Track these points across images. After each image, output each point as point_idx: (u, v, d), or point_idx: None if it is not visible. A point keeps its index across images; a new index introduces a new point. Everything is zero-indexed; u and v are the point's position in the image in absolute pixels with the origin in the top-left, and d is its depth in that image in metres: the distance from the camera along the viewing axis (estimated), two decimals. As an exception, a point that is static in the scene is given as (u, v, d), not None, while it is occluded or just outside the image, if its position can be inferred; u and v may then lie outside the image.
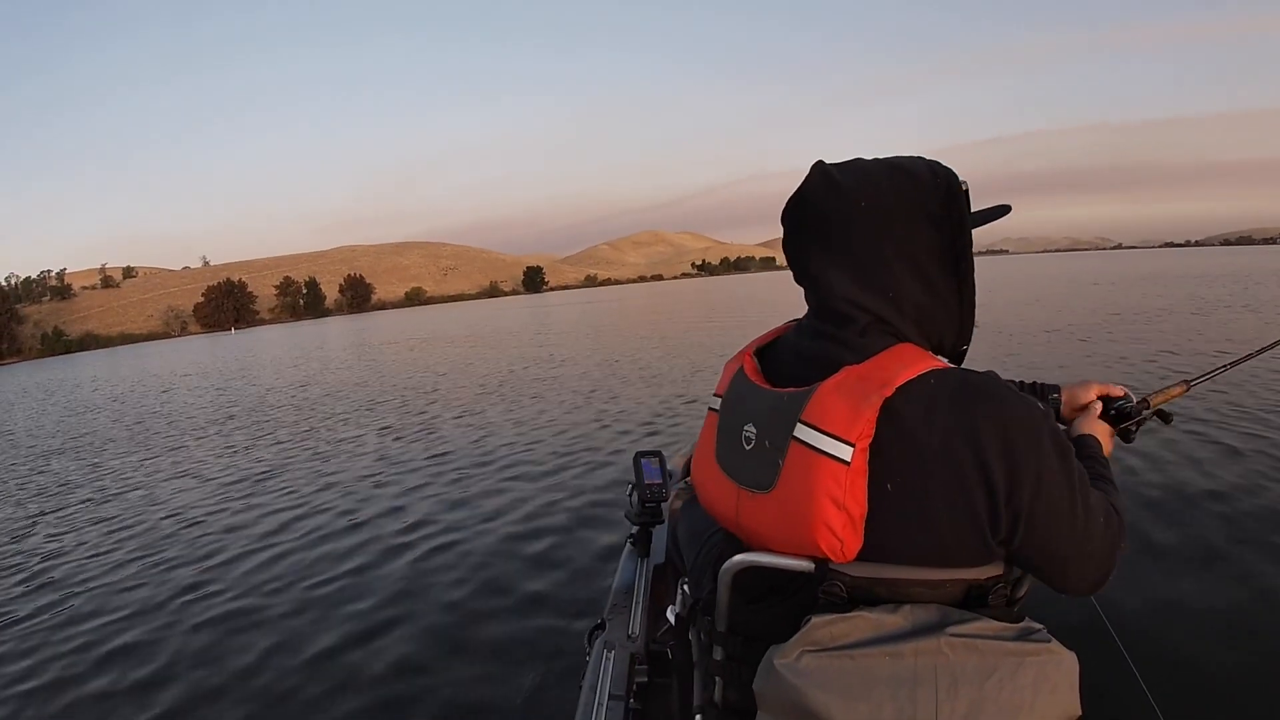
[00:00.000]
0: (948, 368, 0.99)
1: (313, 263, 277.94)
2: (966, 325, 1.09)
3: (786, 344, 1.16)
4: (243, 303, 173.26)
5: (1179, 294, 19.89)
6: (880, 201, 1.02)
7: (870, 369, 0.96)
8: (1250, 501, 4.01)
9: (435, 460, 6.86)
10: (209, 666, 3.22)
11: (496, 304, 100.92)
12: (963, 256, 1.04)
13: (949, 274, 1.05)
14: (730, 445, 1.11)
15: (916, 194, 1.03)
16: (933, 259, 1.03)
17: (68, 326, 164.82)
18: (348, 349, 28.09)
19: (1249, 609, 2.90)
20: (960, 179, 1.05)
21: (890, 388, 0.93)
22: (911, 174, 1.05)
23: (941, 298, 1.05)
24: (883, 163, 1.07)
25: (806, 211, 1.08)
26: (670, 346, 16.18)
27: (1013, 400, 0.95)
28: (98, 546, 5.30)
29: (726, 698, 1.15)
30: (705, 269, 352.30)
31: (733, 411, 1.13)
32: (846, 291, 1.04)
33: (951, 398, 0.94)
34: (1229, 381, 6.53)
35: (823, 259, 1.06)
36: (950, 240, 1.04)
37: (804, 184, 1.09)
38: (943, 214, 1.03)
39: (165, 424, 12.00)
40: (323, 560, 4.43)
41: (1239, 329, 11.25)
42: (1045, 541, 0.95)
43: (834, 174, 1.06)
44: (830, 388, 0.96)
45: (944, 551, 0.95)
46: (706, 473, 1.17)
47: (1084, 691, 0.92)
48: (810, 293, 1.11)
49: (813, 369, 1.02)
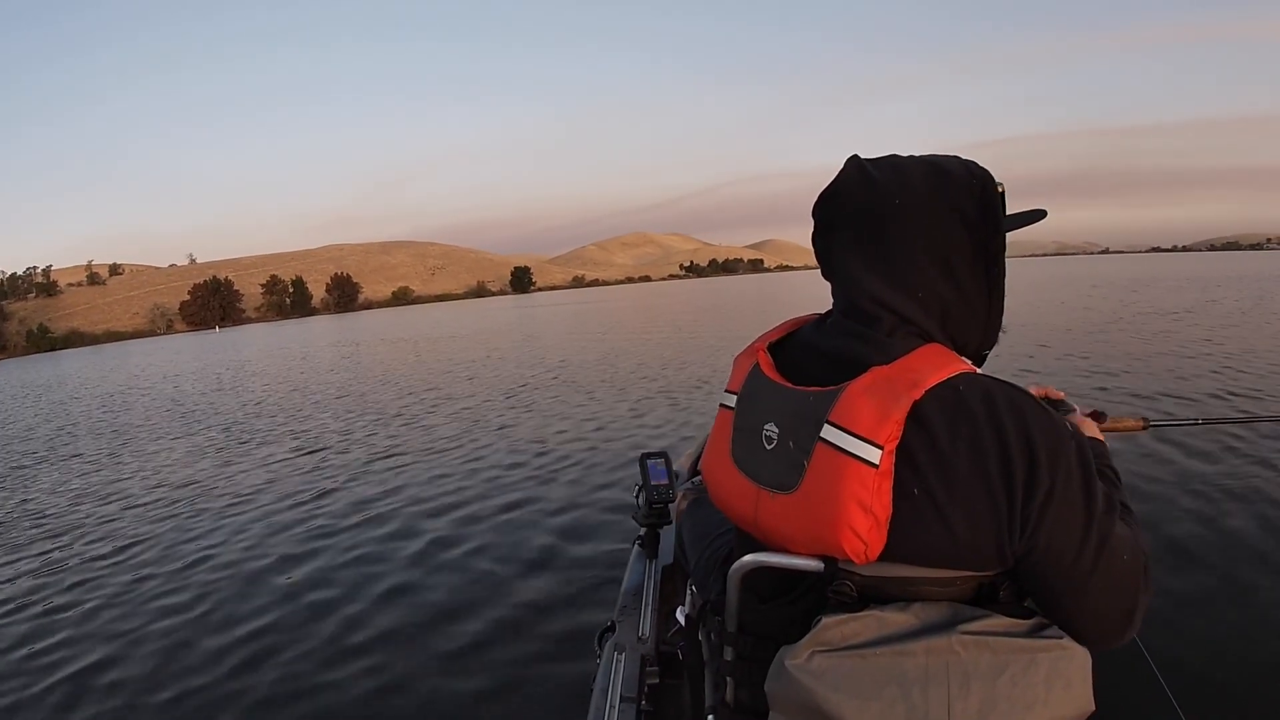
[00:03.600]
0: (975, 373, 0.97)
1: (300, 261, 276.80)
2: (993, 329, 1.08)
3: (804, 340, 1.14)
4: (229, 301, 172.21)
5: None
6: (915, 200, 1.01)
7: (898, 370, 0.95)
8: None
9: (435, 461, 6.82)
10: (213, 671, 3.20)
11: (484, 304, 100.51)
12: (995, 260, 1.03)
13: (980, 276, 1.03)
14: (748, 444, 1.08)
15: (952, 193, 1.02)
16: (964, 260, 1.02)
17: (53, 324, 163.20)
18: (345, 348, 27.92)
19: (1277, 604, 2.89)
20: (997, 180, 1.04)
21: (919, 390, 0.92)
22: (948, 173, 1.03)
23: (970, 300, 1.04)
24: (919, 160, 1.06)
25: (839, 206, 1.07)
26: (671, 346, 16.17)
27: (1041, 415, 0.94)
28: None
29: (738, 698, 1.15)
30: (693, 270, 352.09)
31: (750, 410, 1.10)
32: (875, 289, 1.03)
33: (981, 406, 0.93)
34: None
35: (853, 255, 1.05)
36: (984, 242, 1.02)
37: (838, 178, 1.07)
38: (978, 215, 1.02)
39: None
40: (325, 560, 4.40)
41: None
42: (1048, 558, 0.93)
43: (869, 169, 1.05)
44: (859, 389, 0.95)
45: (960, 554, 0.94)
46: (721, 471, 1.14)
47: (1098, 687, 0.92)
48: (837, 289, 1.10)
49: (836, 368, 1.01)
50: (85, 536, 5.53)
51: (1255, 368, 8.19)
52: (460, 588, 3.81)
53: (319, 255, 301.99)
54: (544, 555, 4.14)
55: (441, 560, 4.24)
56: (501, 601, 3.59)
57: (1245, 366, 8.29)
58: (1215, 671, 2.45)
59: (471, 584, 3.85)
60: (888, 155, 1.07)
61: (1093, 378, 8.26)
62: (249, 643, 3.40)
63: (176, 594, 4.10)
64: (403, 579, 4.00)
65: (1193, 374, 8.00)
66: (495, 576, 3.92)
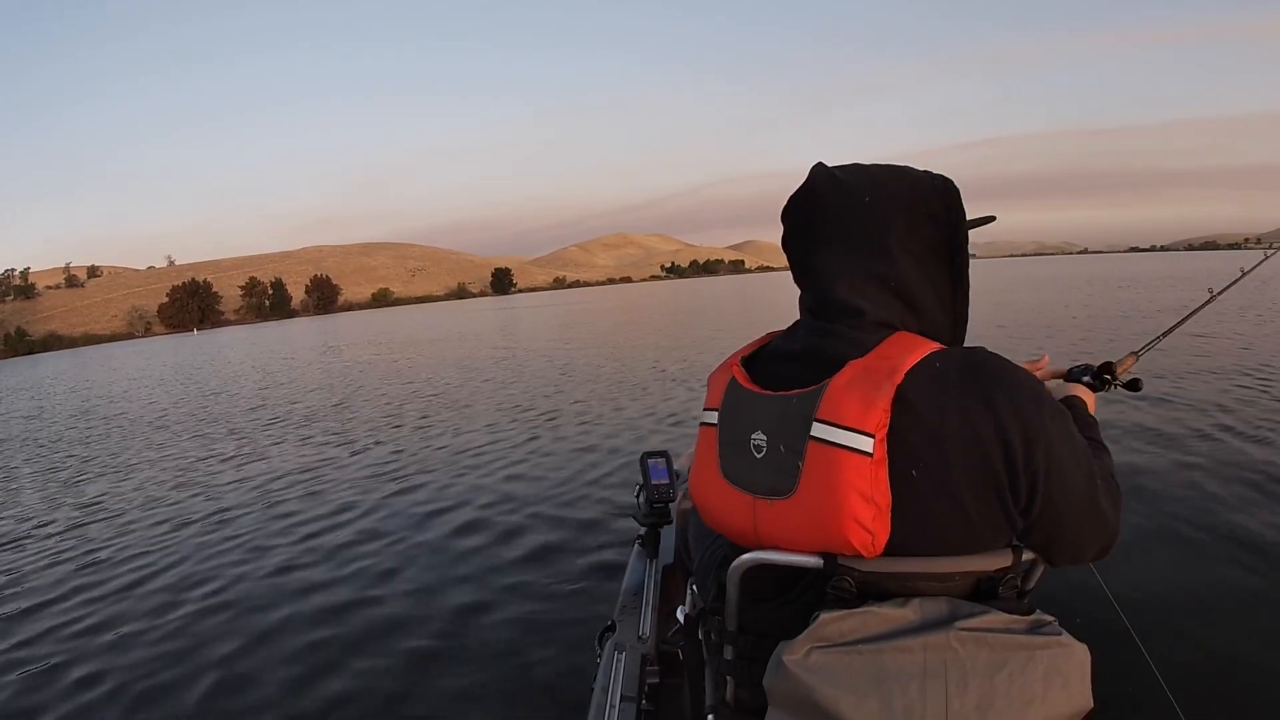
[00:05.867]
0: (947, 349, 1.01)
1: (279, 263, 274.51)
2: (961, 319, 1.14)
3: (775, 350, 1.16)
4: (208, 303, 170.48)
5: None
6: (883, 195, 1.07)
7: (875, 359, 0.98)
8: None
9: (435, 462, 6.80)
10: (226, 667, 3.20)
11: (466, 306, 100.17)
12: (959, 252, 1.10)
13: (946, 269, 1.10)
14: (737, 457, 1.09)
15: (917, 192, 1.08)
16: (931, 254, 1.09)
17: (31, 326, 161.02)
18: (344, 348, 27.75)
19: (1276, 600, 2.91)
20: (955, 184, 1.11)
21: (899, 374, 0.95)
22: (910, 175, 1.11)
23: (939, 291, 1.10)
24: (881, 165, 1.12)
25: (810, 207, 1.11)
26: (665, 346, 16.26)
27: (1015, 370, 0.99)
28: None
29: (738, 697, 1.15)
30: (675, 271, 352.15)
31: (734, 422, 1.11)
32: (849, 283, 1.07)
33: (961, 375, 0.96)
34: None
35: (825, 252, 1.10)
36: (948, 237, 1.09)
37: (807, 182, 1.12)
38: (942, 211, 1.08)
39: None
40: (325, 560, 4.39)
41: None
42: (1060, 501, 0.97)
43: (836, 173, 1.11)
44: (841, 383, 0.96)
45: (970, 529, 0.96)
46: (713, 489, 1.14)
47: (1097, 684, 0.93)
48: (809, 289, 1.14)
49: (813, 368, 1.03)
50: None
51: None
52: (459, 587, 3.81)
53: (299, 257, 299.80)
54: (544, 554, 4.15)
55: (440, 560, 4.24)
56: (501, 600, 3.60)
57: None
58: (1213, 669, 2.47)
59: (471, 583, 3.85)
60: (851, 163, 1.13)
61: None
62: (251, 643, 3.40)
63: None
64: (401, 579, 3.99)
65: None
66: (495, 575, 3.92)
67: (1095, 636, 1.04)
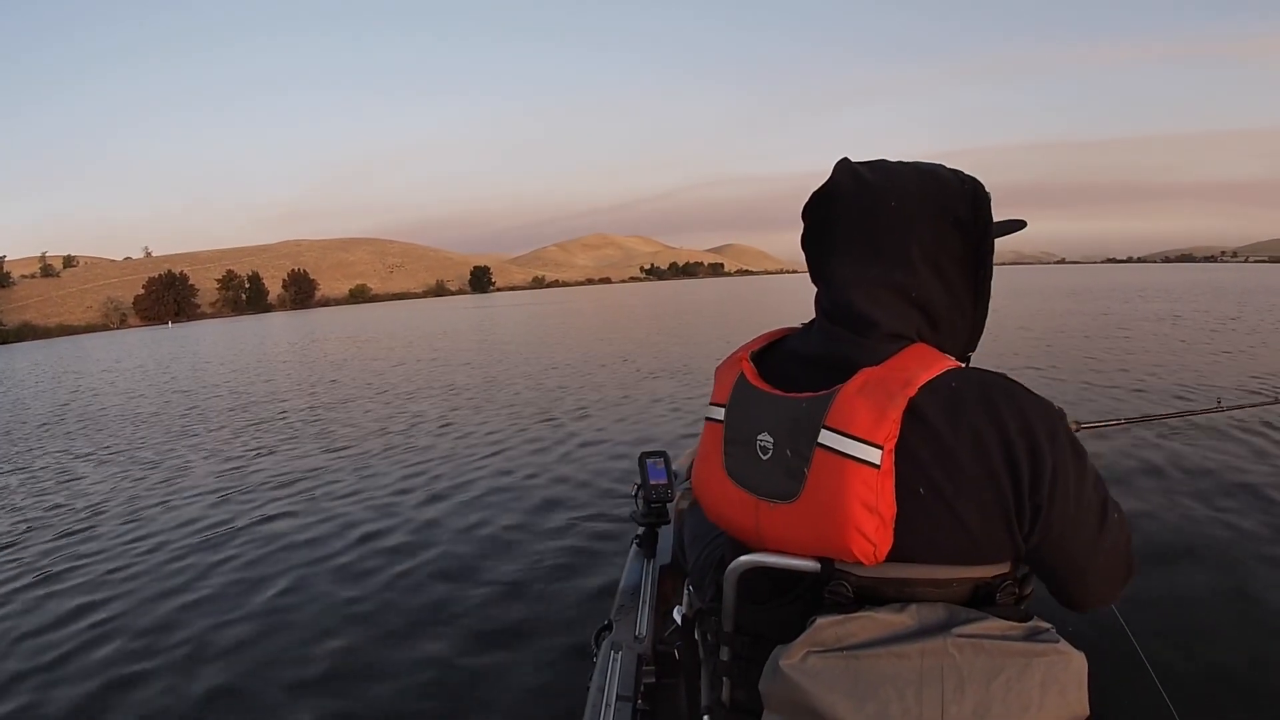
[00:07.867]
0: (964, 367, 1.00)
1: (257, 257, 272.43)
2: (978, 331, 1.11)
3: (789, 349, 1.14)
4: (184, 296, 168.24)
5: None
6: (909, 201, 1.03)
7: (889, 370, 0.96)
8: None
9: (428, 462, 6.74)
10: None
11: (444, 304, 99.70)
12: (983, 262, 1.06)
13: (968, 279, 1.06)
14: (742, 456, 1.07)
15: (944, 197, 1.03)
16: (954, 263, 1.04)
17: (5, 316, 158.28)
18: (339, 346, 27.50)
19: (1274, 609, 2.92)
20: (985, 187, 1.06)
21: (913, 387, 0.93)
22: (939, 177, 1.05)
23: (959, 302, 1.06)
24: (909, 165, 1.07)
25: (832, 208, 1.07)
26: (660, 346, 16.24)
27: (1035, 399, 0.97)
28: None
29: (734, 698, 1.15)
30: (654, 273, 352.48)
31: (741, 421, 1.09)
32: (866, 292, 1.03)
33: (977, 397, 0.94)
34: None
35: (846, 256, 1.06)
36: (974, 246, 1.04)
37: (830, 180, 1.08)
38: (969, 219, 1.04)
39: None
40: (324, 560, 4.35)
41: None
42: (1062, 536, 0.96)
43: (862, 172, 1.06)
44: (852, 391, 0.95)
45: (973, 544, 0.95)
46: (715, 486, 1.12)
47: (1094, 693, 0.93)
48: (825, 292, 1.10)
49: (825, 373, 1.01)
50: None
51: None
52: (456, 586, 3.80)
53: (276, 251, 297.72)
54: (541, 553, 4.14)
55: (437, 559, 4.21)
56: (498, 600, 3.59)
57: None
58: (1211, 677, 2.47)
59: (468, 582, 3.83)
60: (877, 159, 1.08)
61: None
62: (248, 642, 3.37)
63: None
64: (398, 579, 3.97)
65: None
66: (492, 575, 3.90)
67: (1094, 645, 1.04)
